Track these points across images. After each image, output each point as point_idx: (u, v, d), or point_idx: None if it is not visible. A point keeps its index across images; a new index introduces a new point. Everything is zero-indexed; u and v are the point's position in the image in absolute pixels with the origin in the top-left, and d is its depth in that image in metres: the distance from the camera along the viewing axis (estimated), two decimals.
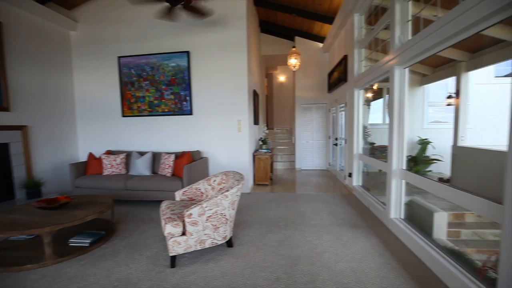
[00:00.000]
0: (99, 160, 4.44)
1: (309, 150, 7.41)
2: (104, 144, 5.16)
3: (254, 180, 5.35)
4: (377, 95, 5.19)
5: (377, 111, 5.30)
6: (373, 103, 5.16)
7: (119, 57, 4.91)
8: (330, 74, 6.56)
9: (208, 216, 2.29)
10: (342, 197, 4.43)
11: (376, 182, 4.43)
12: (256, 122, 5.89)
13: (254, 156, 5.29)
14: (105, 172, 4.34)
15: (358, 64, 4.53)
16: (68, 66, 5.07)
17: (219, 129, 4.79)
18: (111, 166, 4.37)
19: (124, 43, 4.92)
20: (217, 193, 2.83)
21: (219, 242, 2.45)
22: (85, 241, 2.64)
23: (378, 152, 4.39)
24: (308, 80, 7.22)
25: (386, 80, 3.24)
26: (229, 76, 4.69)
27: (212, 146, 4.85)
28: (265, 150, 5.38)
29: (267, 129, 6.46)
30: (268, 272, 2.17)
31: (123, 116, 5.04)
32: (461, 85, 3.41)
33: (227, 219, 2.43)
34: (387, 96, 4.84)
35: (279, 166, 7.86)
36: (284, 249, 2.57)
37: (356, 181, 4.65)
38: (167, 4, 3.50)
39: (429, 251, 2.21)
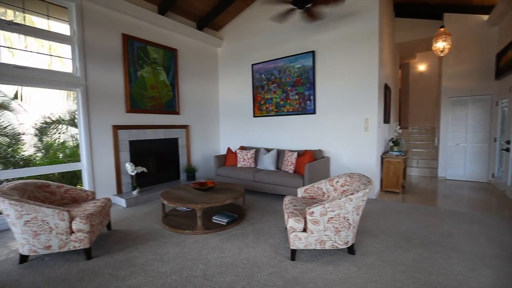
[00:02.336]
0: (234, 154, 5.24)
1: (460, 156, 5.85)
2: (239, 140, 6.03)
3: (382, 186, 4.77)
4: None
5: None
6: None
7: (253, 64, 5.60)
8: (500, 55, 4.90)
9: (330, 218, 2.24)
10: None
11: None
12: (386, 120, 5.21)
13: (382, 158, 4.72)
14: (239, 165, 5.07)
15: None
16: (215, 76, 6.27)
17: (343, 128, 4.57)
18: (243, 160, 5.05)
19: (256, 52, 5.56)
20: (340, 195, 2.72)
21: (340, 247, 2.35)
22: (223, 220, 3.19)
23: None
24: (462, 66, 5.67)
25: None
26: (356, 71, 4.37)
27: (335, 146, 4.69)
28: (396, 153, 4.68)
29: (400, 128, 5.59)
30: None
31: (254, 116, 5.72)
32: None
33: (350, 223, 2.29)
34: None
35: (414, 172, 6.65)
36: (419, 272, 2.16)
37: None
38: (294, 7, 3.65)
39: None
